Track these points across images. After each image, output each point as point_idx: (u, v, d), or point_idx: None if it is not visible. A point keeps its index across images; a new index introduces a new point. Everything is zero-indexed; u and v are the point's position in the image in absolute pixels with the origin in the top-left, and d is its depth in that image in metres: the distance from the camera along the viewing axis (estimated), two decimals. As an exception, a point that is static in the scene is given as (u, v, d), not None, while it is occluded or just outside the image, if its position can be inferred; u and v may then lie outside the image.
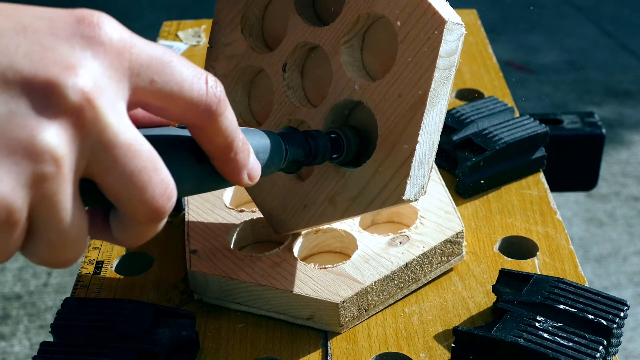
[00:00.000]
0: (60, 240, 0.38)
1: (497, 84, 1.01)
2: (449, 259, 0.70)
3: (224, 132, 0.44)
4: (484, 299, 0.68)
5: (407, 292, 0.68)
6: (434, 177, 0.77)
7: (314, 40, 0.65)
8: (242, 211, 0.74)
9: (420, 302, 0.68)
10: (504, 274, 0.66)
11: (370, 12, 0.61)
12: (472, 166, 0.79)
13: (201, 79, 0.42)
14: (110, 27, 0.39)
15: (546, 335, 0.58)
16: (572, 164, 1.02)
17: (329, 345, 0.64)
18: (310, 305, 0.64)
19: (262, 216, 0.71)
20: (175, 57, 0.41)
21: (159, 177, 0.40)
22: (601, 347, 0.57)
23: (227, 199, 0.76)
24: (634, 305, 1.92)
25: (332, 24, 0.64)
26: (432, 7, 0.56)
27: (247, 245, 0.74)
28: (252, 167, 0.48)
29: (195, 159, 0.46)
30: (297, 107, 0.66)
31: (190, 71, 0.42)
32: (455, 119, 0.85)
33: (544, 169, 0.84)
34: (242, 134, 0.46)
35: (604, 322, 0.59)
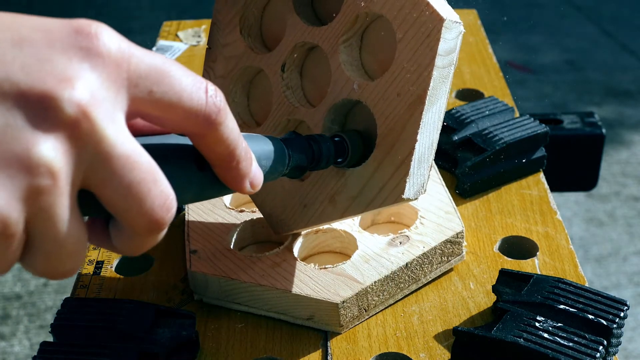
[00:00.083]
0: (57, 251, 0.38)
1: (497, 84, 1.01)
2: (449, 259, 0.70)
3: (225, 141, 0.44)
4: (484, 299, 0.67)
5: (407, 292, 0.68)
6: (434, 177, 0.77)
7: (312, 40, 0.65)
8: (242, 211, 0.74)
9: (420, 302, 0.68)
10: (504, 274, 0.66)
11: (368, 11, 0.61)
12: (472, 166, 0.79)
13: (201, 88, 0.42)
14: (108, 37, 0.38)
15: (546, 335, 0.58)
16: (572, 164, 1.02)
17: (329, 345, 0.64)
18: (310, 305, 0.64)
19: (262, 216, 0.71)
20: (174, 66, 0.41)
21: (158, 189, 0.39)
22: (601, 347, 0.57)
23: (227, 199, 0.76)
24: (634, 305, 1.92)
25: (330, 24, 0.64)
26: (430, 6, 0.56)
27: (247, 245, 0.74)
28: (255, 175, 0.48)
29: (196, 166, 0.45)
30: (296, 107, 0.66)
31: (189, 80, 0.41)
32: (455, 119, 0.85)
33: (544, 169, 0.84)
34: (244, 142, 0.46)
35: (604, 322, 0.59)
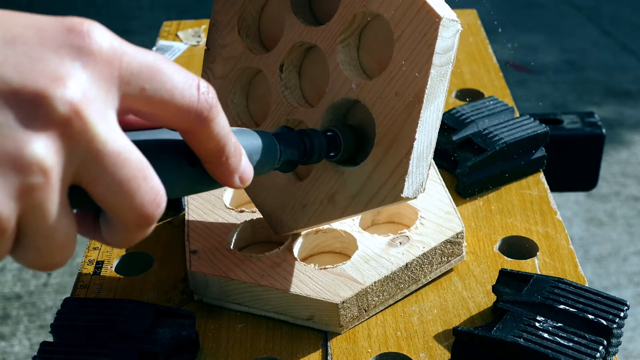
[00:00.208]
0: (47, 246, 0.38)
1: (497, 84, 1.01)
2: (449, 259, 0.70)
3: (215, 137, 0.44)
4: (484, 299, 0.67)
5: (407, 293, 0.68)
6: (434, 177, 0.77)
7: (310, 39, 0.65)
8: (242, 211, 0.74)
9: (420, 302, 0.68)
10: (504, 274, 0.66)
11: (366, 10, 0.61)
12: (472, 166, 0.79)
13: (192, 85, 0.42)
14: (100, 36, 0.38)
15: (546, 335, 0.58)
16: (572, 164, 1.02)
17: (329, 345, 0.64)
18: (310, 305, 0.64)
19: (262, 216, 0.71)
20: (166, 63, 0.41)
21: (148, 185, 0.40)
22: (601, 347, 0.57)
23: (227, 199, 0.76)
24: (634, 305, 1.92)
25: (328, 23, 0.64)
26: (427, 4, 0.56)
27: (247, 245, 0.74)
28: (244, 170, 0.48)
29: (187, 162, 0.46)
30: (295, 107, 0.66)
31: (181, 77, 0.42)
32: (455, 119, 0.85)
33: (544, 169, 0.84)
34: (234, 138, 0.46)
35: (604, 322, 0.59)
